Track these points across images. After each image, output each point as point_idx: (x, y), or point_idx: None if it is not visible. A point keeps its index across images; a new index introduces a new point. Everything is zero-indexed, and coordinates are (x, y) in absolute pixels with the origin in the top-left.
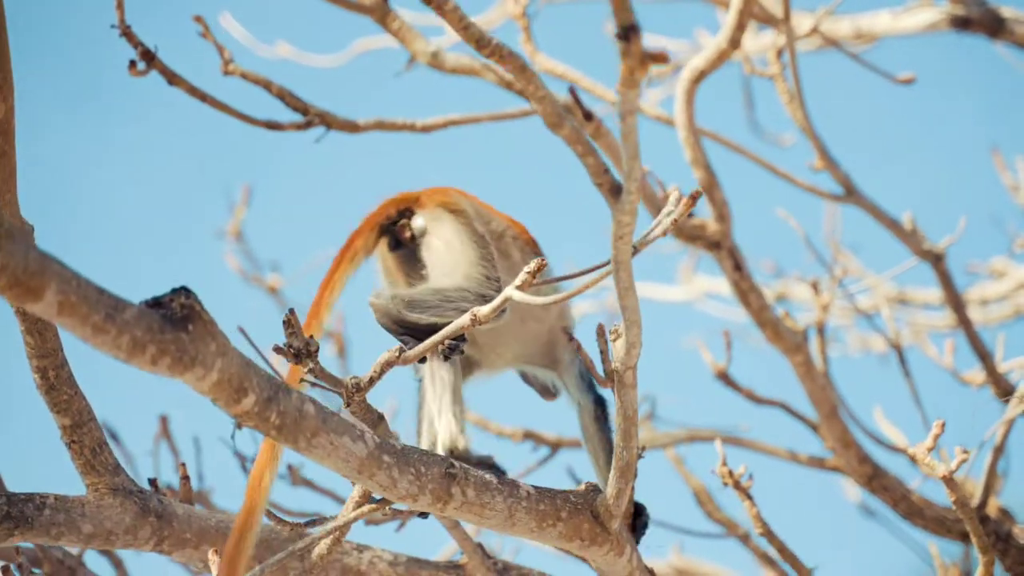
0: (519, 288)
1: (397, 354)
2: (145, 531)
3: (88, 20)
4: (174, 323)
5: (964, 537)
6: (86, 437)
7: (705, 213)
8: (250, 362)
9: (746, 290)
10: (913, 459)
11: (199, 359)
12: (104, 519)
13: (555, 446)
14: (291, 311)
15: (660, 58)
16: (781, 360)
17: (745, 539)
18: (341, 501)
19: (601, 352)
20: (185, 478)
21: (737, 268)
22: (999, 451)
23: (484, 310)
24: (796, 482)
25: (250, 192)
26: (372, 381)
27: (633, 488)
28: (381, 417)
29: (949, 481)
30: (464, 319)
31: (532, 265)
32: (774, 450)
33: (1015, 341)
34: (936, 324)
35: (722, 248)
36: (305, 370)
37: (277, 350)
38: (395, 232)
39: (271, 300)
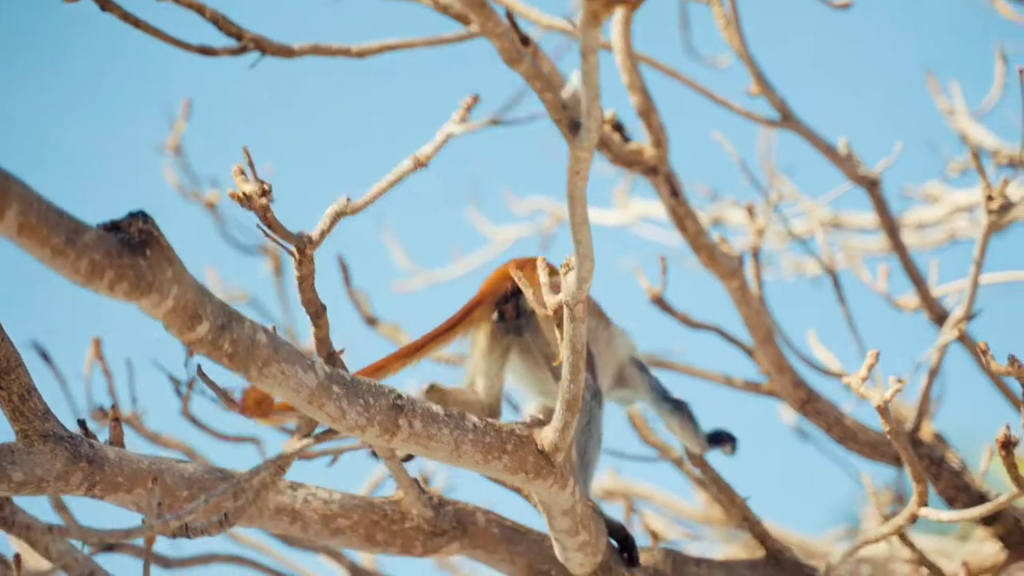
0: (456, 123)
1: (344, 204)
2: (76, 476)
3: None
4: (132, 248)
5: (897, 461)
6: (14, 384)
7: (642, 138)
8: (204, 289)
9: (682, 215)
10: (849, 388)
11: (156, 285)
12: (35, 466)
13: None
14: (245, 149)
15: (627, 1)
16: (717, 285)
17: (679, 463)
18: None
19: (542, 285)
20: (115, 420)
21: (674, 193)
22: (933, 376)
23: (426, 149)
24: (733, 406)
25: (190, 107)
26: (323, 234)
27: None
28: (324, 308)
29: (883, 411)
30: (406, 162)
31: (467, 98)
32: (709, 374)
33: (949, 266)
34: (871, 248)
35: (659, 173)
36: (258, 219)
37: (231, 195)
38: (504, 309)
39: (209, 216)
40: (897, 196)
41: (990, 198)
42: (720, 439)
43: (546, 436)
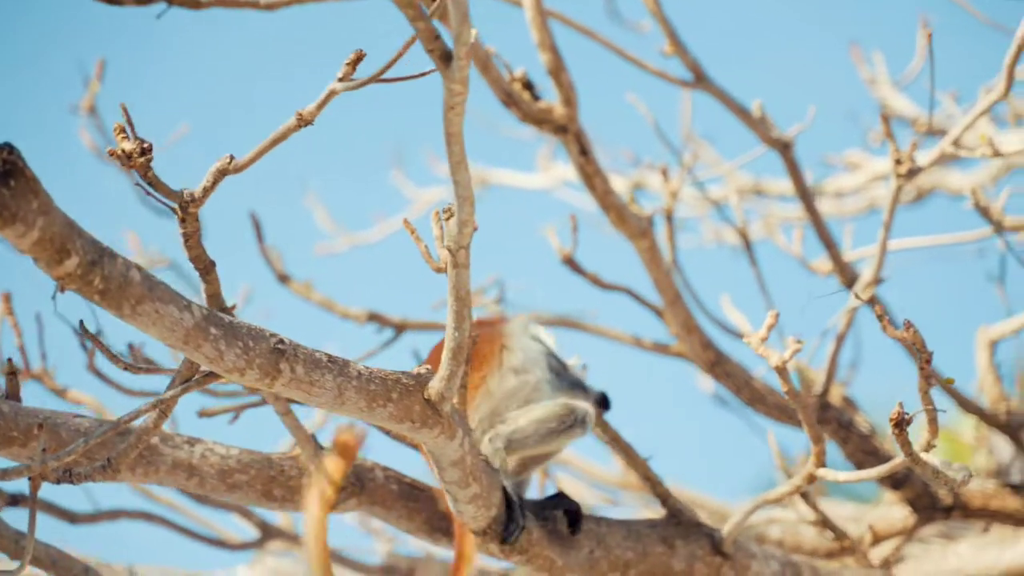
0: (340, 80)
1: (228, 161)
2: None
3: None
4: None
5: (818, 425)
6: None
7: (552, 97)
8: (74, 224)
9: (591, 174)
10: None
11: (20, 216)
12: None
13: (400, 328)
14: (123, 107)
15: None
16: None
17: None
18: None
19: (436, 238)
20: (11, 374)
21: (583, 152)
22: (841, 340)
23: (310, 107)
24: (654, 373)
25: (104, 67)
26: (206, 191)
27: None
28: (213, 264)
29: (781, 371)
30: (291, 120)
31: (351, 55)
32: (619, 335)
33: (869, 234)
34: (792, 215)
35: (568, 132)
36: (138, 176)
37: (111, 153)
38: None
39: (125, 176)
40: (818, 164)
41: (899, 162)
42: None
43: (433, 386)
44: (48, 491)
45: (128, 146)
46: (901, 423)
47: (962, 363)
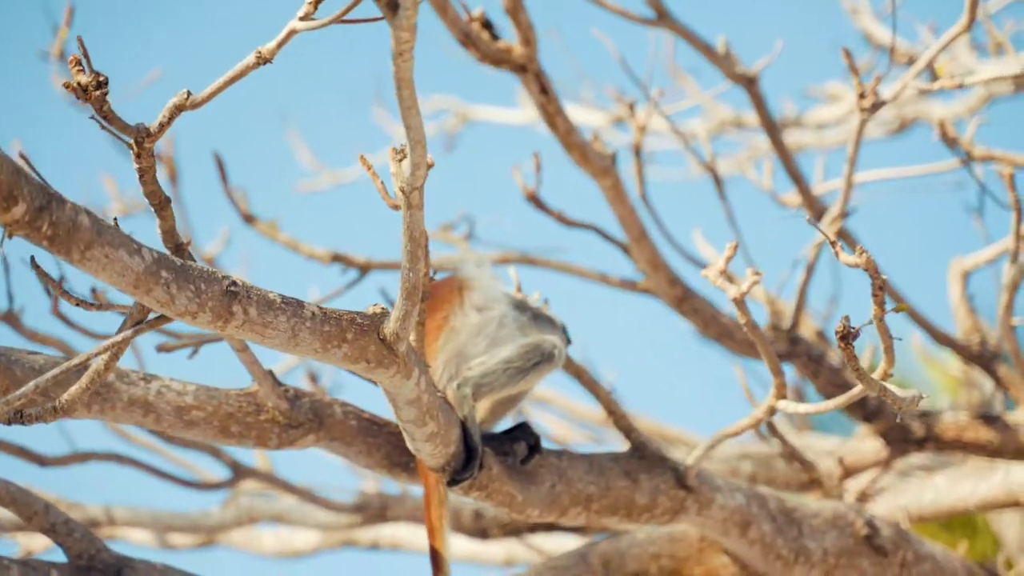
0: (301, 19)
1: (185, 97)
2: None
3: None
4: None
5: (777, 358)
6: None
7: (511, 36)
8: (21, 170)
9: (553, 113)
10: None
11: None
12: None
13: (364, 268)
14: (80, 39)
15: None
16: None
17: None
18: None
19: (390, 178)
20: None
21: (543, 91)
22: (809, 272)
23: (269, 45)
24: (635, 310)
25: (73, 13)
26: (162, 127)
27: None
28: (168, 200)
29: (739, 303)
30: (250, 58)
31: None
32: (586, 272)
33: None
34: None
35: (528, 71)
36: (93, 110)
37: (66, 86)
38: None
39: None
40: (800, 96)
41: (862, 96)
42: None
43: (388, 325)
44: (19, 433)
45: (83, 79)
46: (847, 336)
47: (939, 295)
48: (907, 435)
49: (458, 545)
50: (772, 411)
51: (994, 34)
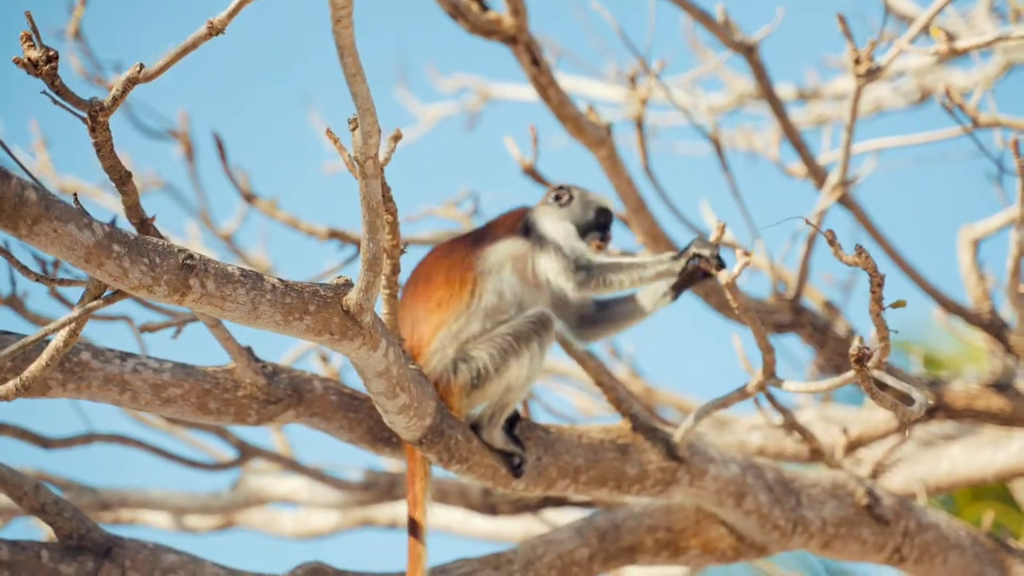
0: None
1: (138, 70)
2: None
3: None
4: None
5: (778, 328)
6: None
7: (500, 7)
8: None
9: (545, 85)
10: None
11: None
12: None
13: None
14: (28, 15)
15: None
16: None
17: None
18: None
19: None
20: None
21: (535, 62)
22: (811, 243)
23: (221, 16)
24: None
25: None
26: (116, 101)
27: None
28: (129, 175)
29: (731, 287)
30: (201, 29)
31: None
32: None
33: (871, 134)
34: (800, 120)
35: (518, 42)
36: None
37: (16, 62)
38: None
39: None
40: (819, 65)
41: (857, 62)
42: None
43: (351, 297)
44: (25, 416)
45: (34, 54)
46: (862, 359)
47: (953, 263)
48: (930, 402)
49: (475, 523)
50: (761, 387)
51: (1013, 1)
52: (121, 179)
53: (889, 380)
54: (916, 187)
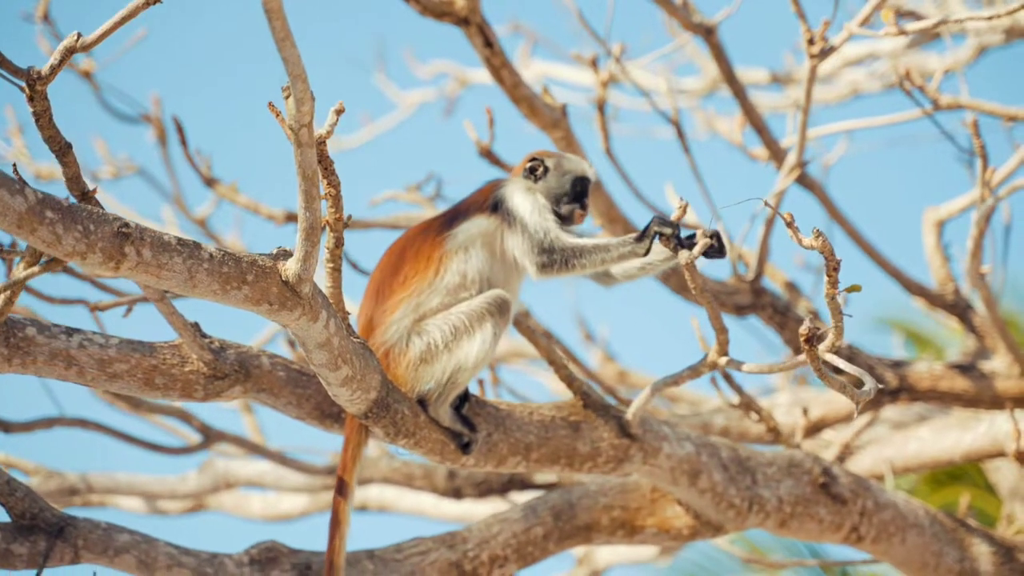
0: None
1: (75, 39)
2: None
3: None
4: None
5: (738, 310)
6: None
7: None
8: None
9: (498, 66)
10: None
11: None
12: None
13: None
14: None
15: None
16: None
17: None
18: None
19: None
20: None
21: (488, 44)
22: (770, 224)
23: None
24: None
25: None
26: (54, 69)
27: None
28: (69, 146)
29: (690, 268)
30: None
31: None
32: None
33: (848, 117)
34: (776, 104)
35: (471, 24)
36: None
37: None
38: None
39: (85, 83)
40: (795, 50)
41: (811, 42)
42: None
43: (289, 267)
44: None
45: None
46: (811, 340)
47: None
48: (881, 386)
49: (445, 507)
50: (713, 366)
51: None
52: (61, 150)
53: (842, 364)
54: (889, 169)
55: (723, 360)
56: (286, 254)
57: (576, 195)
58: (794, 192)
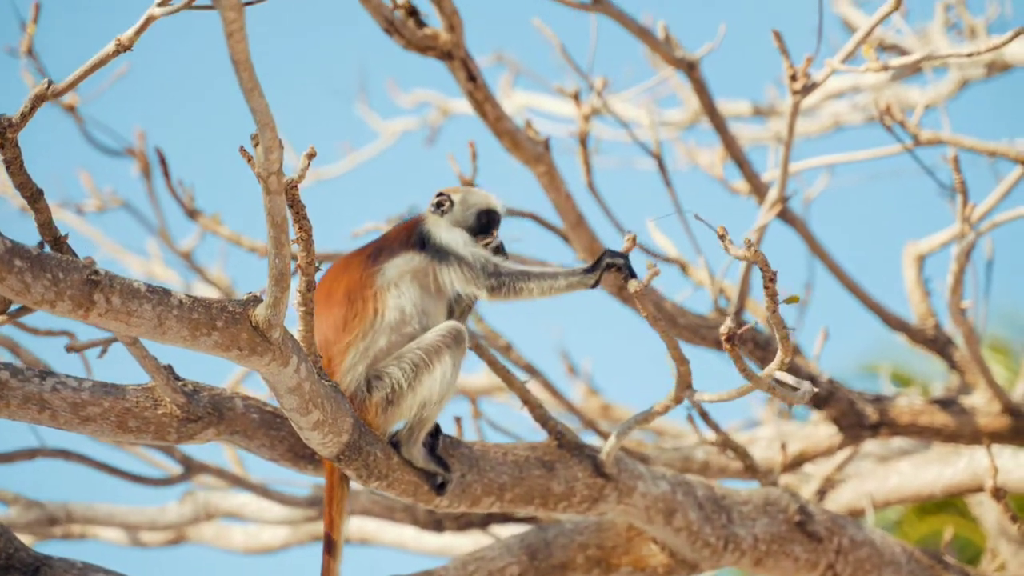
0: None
1: (46, 87)
2: None
3: None
4: None
5: (717, 344)
6: None
7: (436, 23)
8: None
9: (481, 100)
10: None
11: None
12: None
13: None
14: None
15: None
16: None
17: (507, 350)
18: None
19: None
20: None
21: (471, 79)
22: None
23: (128, 33)
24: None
25: (39, 8)
26: (24, 117)
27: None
28: (40, 192)
29: (639, 296)
30: (109, 46)
31: None
32: (526, 261)
33: (831, 150)
34: (759, 136)
35: (454, 58)
36: None
37: None
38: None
39: (69, 118)
40: (777, 83)
41: (793, 78)
42: None
43: (259, 312)
44: None
45: None
46: (732, 339)
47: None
48: (861, 420)
49: (426, 540)
50: (679, 399)
51: (967, 19)
52: (32, 196)
53: (791, 380)
54: (871, 202)
55: (687, 392)
56: (256, 300)
57: (482, 227)
58: (776, 227)
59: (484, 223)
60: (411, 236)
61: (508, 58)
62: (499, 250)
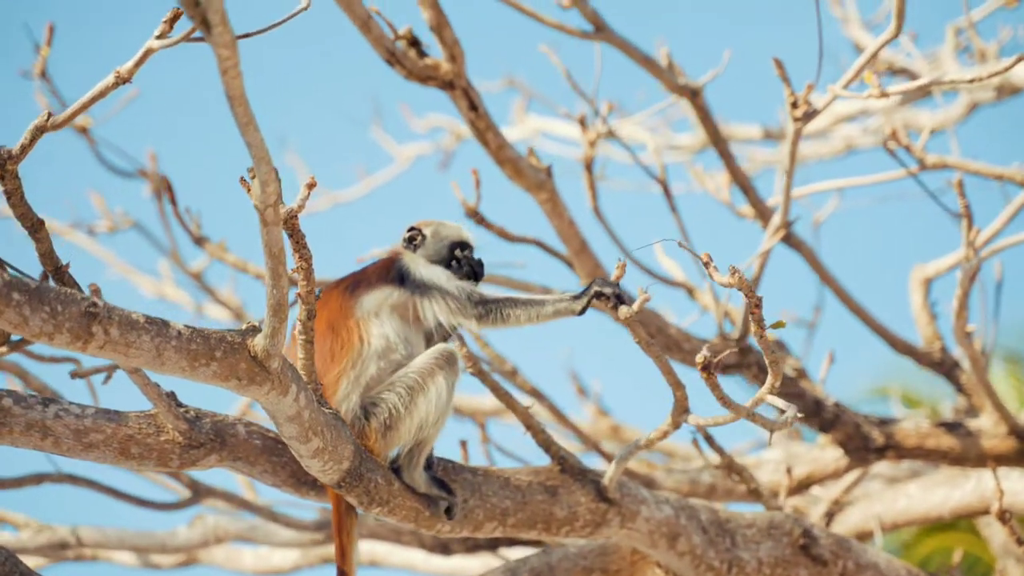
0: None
1: (46, 119)
2: None
3: None
4: None
5: (724, 369)
6: None
7: (437, 53)
8: None
9: (483, 129)
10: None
11: None
12: None
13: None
14: None
15: None
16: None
17: (512, 375)
18: None
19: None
20: None
21: (473, 108)
22: (756, 282)
23: (128, 65)
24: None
25: (53, 31)
26: (24, 149)
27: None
28: (41, 222)
29: (630, 323)
30: (109, 78)
31: (168, 14)
32: (530, 287)
33: (841, 173)
34: (770, 159)
35: (456, 88)
36: None
37: None
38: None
39: (81, 140)
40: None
41: (794, 105)
42: None
43: (257, 343)
44: None
45: None
46: (708, 367)
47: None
48: (867, 443)
49: (435, 562)
50: (677, 424)
51: (977, 43)
52: (33, 227)
53: (780, 403)
54: (880, 225)
55: (683, 416)
56: (255, 330)
57: (457, 259)
58: (785, 250)
59: (458, 256)
60: (389, 272)
61: (519, 83)
62: (477, 268)
